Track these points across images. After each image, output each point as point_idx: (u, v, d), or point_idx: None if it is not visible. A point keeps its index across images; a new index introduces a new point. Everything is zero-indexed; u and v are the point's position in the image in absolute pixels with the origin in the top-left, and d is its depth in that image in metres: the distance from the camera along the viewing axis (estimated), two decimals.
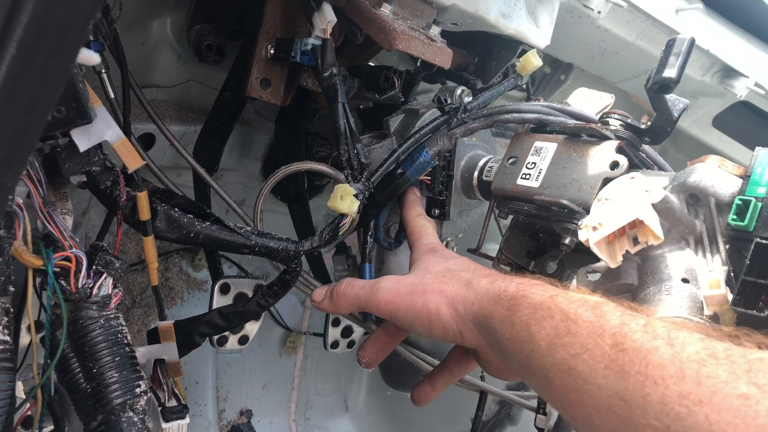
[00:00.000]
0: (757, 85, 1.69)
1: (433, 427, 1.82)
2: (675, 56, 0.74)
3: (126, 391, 0.77)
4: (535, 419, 1.16)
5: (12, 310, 0.71)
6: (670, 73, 0.73)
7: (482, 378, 1.27)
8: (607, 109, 1.02)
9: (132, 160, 0.84)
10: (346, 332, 1.47)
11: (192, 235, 0.89)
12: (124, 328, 0.81)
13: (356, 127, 1.35)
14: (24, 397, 0.81)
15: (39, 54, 0.42)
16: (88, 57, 0.49)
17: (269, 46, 1.06)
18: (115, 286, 0.82)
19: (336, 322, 1.44)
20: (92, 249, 0.81)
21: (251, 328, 1.28)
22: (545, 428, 1.12)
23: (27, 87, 0.44)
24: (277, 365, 1.83)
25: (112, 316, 0.80)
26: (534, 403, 1.17)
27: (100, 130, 0.80)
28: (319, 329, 1.60)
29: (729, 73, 1.67)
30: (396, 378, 1.25)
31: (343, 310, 0.98)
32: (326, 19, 0.95)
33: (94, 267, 0.80)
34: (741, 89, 1.68)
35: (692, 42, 0.76)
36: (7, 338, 0.68)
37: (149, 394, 0.81)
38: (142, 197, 0.86)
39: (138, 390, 0.78)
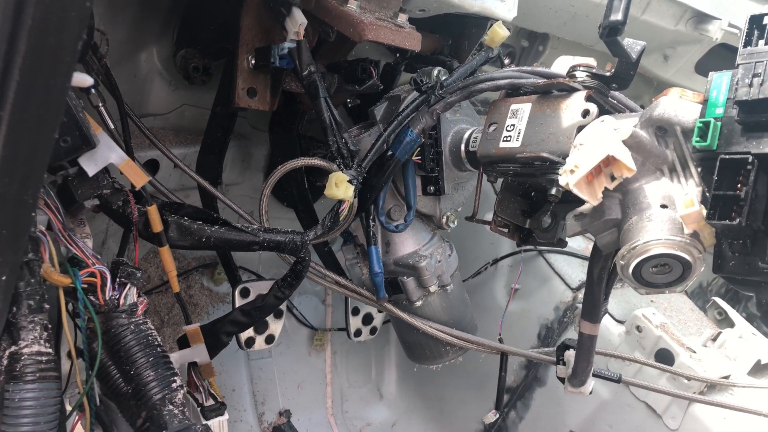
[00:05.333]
0: (731, 25, 1.72)
1: (465, 400, 1.86)
2: (619, 0, 0.79)
3: (164, 386, 0.83)
4: (557, 370, 1.21)
5: (50, 326, 0.77)
6: (616, 16, 0.79)
7: (500, 340, 1.32)
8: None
9: (138, 177, 0.91)
10: (367, 320, 1.52)
11: (204, 239, 0.96)
12: (153, 331, 0.87)
13: (347, 124, 1.41)
14: (73, 410, 0.88)
15: (38, 77, 0.49)
16: (82, 79, 0.56)
17: (250, 57, 1.13)
18: (139, 295, 0.89)
19: (355, 311, 1.50)
20: (114, 264, 0.88)
21: (275, 327, 1.34)
22: (565, 377, 1.17)
23: (32, 110, 0.50)
24: (308, 364, 1.89)
25: (141, 321, 0.86)
26: (555, 357, 1.21)
27: (105, 154, 0.87)
28: (342, 325, 1.66)
29: (701, 18, 1.71)
30: (419, 353, 1.29)
31: None
32: (297, 22, 1.01)
33: (117, 279, 0.86)
34: (716, 32, 1.72)
35: None
36: (50, 350, 0.74)
37: (185, 388, 0.87)
38: (153, 211, 0.93)
39: (174, 384, 0.84)
